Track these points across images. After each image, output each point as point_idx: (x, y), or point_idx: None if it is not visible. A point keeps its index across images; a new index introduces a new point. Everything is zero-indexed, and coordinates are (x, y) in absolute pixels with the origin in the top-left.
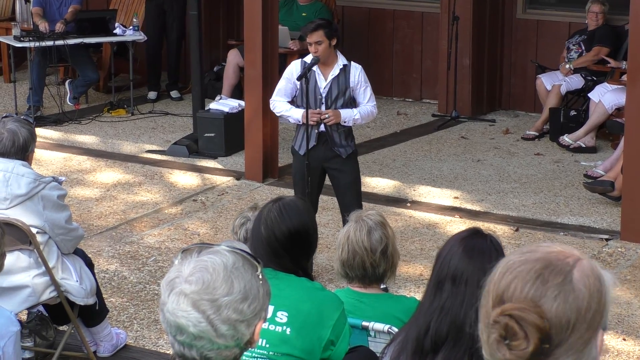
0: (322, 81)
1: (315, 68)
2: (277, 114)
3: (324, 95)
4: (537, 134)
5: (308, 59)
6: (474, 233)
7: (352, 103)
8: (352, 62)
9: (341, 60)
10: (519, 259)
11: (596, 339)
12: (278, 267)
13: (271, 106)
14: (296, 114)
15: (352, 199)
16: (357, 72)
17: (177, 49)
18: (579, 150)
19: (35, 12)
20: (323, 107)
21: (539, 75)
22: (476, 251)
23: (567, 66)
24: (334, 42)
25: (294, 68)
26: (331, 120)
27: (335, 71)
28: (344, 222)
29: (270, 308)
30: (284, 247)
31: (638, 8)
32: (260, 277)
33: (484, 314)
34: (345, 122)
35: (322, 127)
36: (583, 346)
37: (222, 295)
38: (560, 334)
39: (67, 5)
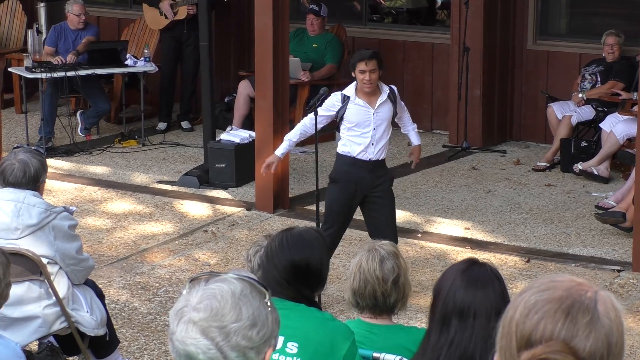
0: (369, 109)
1: (358, 100)
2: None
3: (377, 122)
4: (547, 164)
5: (348, 91)
6: (472, 263)
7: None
8: (390, 85)
9: (385, 87)
10: (541, 298)
11: None
12: (283, 296)
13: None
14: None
15: (391, 227)
16: (397, 93)
17: (192, 80)
18: (591, 176)
19: (47, 52)
20: (373, 134)
21: (550, 104)
22: (480, 282)
23: (580, 95)
24: (381, 73)
25: (334, 99)
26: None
27: (383, 97)
28: None
29: (281, 339)
30: (285, 277)
31: None
32: (269, 304)
33: (507, 355)
34: None
35: (379, 155)
36: None
37: (230, 321)
38: None
39: (83, 38)
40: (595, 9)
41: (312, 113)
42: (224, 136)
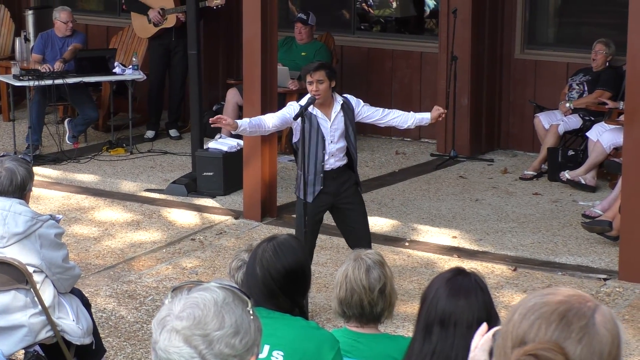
0: (327, 121)
1: (315, 111)
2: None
3: (334, 134)
4: (535, 173)
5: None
6: (458, 273)
7: (355, 136)
8: (343, 95)
9: (339, 98)
10: (540, 301)
11: None
12: (274, 307)
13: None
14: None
15: (366, 229)
16: (353, 100)
17: (181, 88)
18: (578, 185)
19: (35, 60)
20: (331, 147)
21: (537, 114)
22: (462, 291)
23: (567, 105)
24: (333, 84)
25: (294, 107)
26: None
27: (336, 108)
28: None
29: (266, 347)
30: (280, 286)
31: (635, 50)
32: (251, 312)
33: (501, 355)
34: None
35: (338, 163)
36: None
37: (213, 329)
38: None
39: (70, 45)
40: (582, 19)
41: (293, 118)
42: (212, 144)
